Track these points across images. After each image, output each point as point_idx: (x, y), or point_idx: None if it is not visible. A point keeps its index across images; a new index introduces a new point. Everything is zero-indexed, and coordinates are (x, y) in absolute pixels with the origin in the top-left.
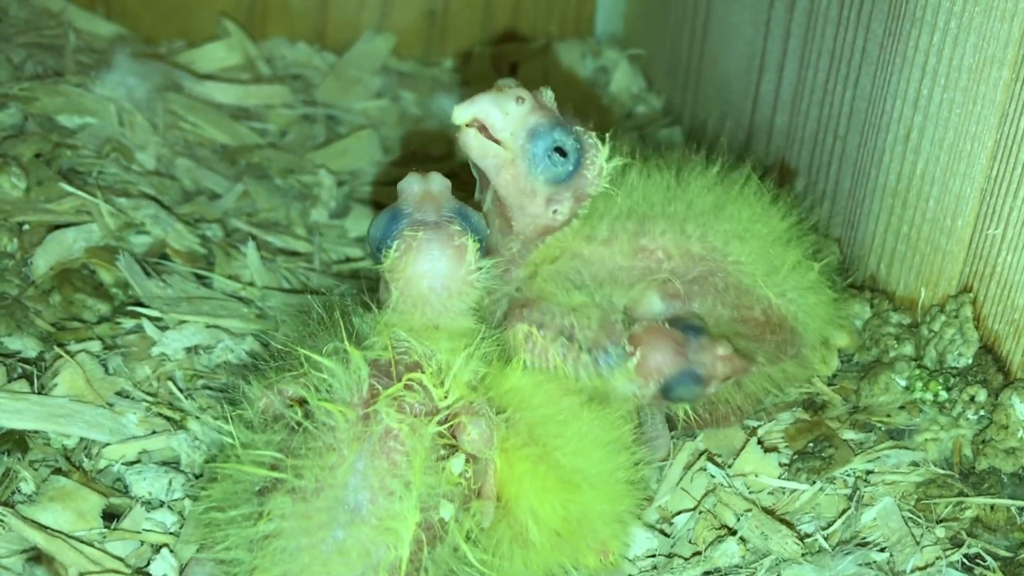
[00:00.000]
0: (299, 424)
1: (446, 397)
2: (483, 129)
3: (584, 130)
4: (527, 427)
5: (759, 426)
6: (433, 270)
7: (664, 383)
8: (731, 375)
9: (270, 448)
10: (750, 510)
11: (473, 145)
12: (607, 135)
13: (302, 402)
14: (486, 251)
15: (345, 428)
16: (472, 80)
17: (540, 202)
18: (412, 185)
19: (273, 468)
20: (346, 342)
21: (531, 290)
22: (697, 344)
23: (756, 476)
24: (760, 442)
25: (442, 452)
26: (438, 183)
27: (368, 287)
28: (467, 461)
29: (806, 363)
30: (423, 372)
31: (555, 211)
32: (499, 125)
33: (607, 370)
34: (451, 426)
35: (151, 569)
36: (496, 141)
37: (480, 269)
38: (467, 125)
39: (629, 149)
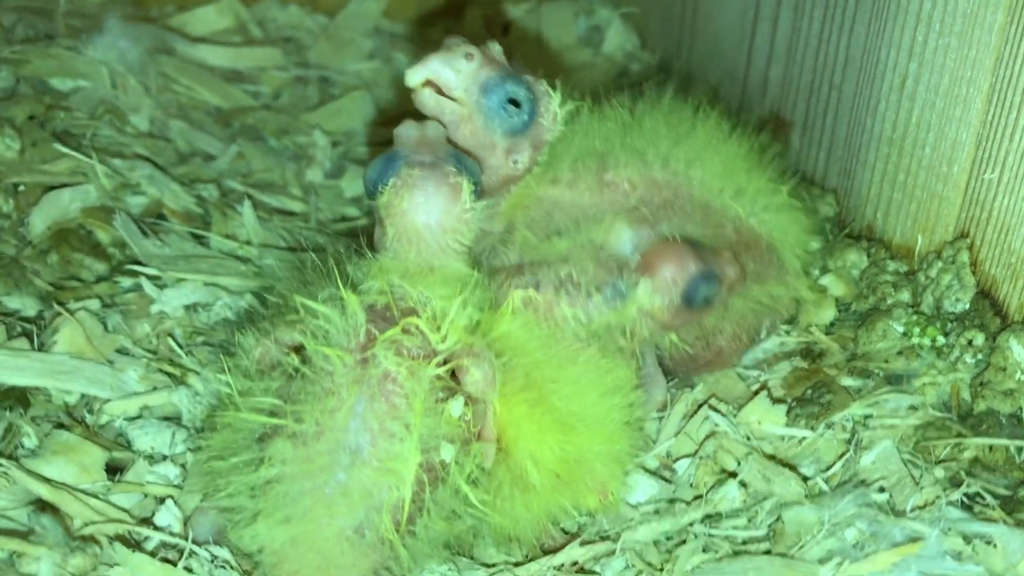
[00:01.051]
0: (297, 371)
1: (444, 341)
2: (438, 89)
3: (535, 79)
4: (523, 371)
5: (760, 375)
6: (428, 205)
7: (685, 289)
8: (735, 280)
9: (268, 395)
10: (751, 454)
11: (429, 104)
12: (556, 81)
13: (299, 350)
14: (480, 194)
15: (343, 372)
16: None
17: (500, 154)
18: (409, 131)
19: (272, 415)
20: (342, 288)
21: (513, 244)
22: (705, 249)
23: (759, 423)
24: (768, 394)
25: (441, 395)
26: (434, 129)
27: (365, 243)
28: (466, 403)
29: (789, 283)
30: (419, 317)
31: (515, 161)
32: (452, 83)
33: (620, 303)
34: (450, 369)
35: (156, 520)
36: (451, 99)
37: (473, 209)
38: (422, 86)
39: (580, 93)
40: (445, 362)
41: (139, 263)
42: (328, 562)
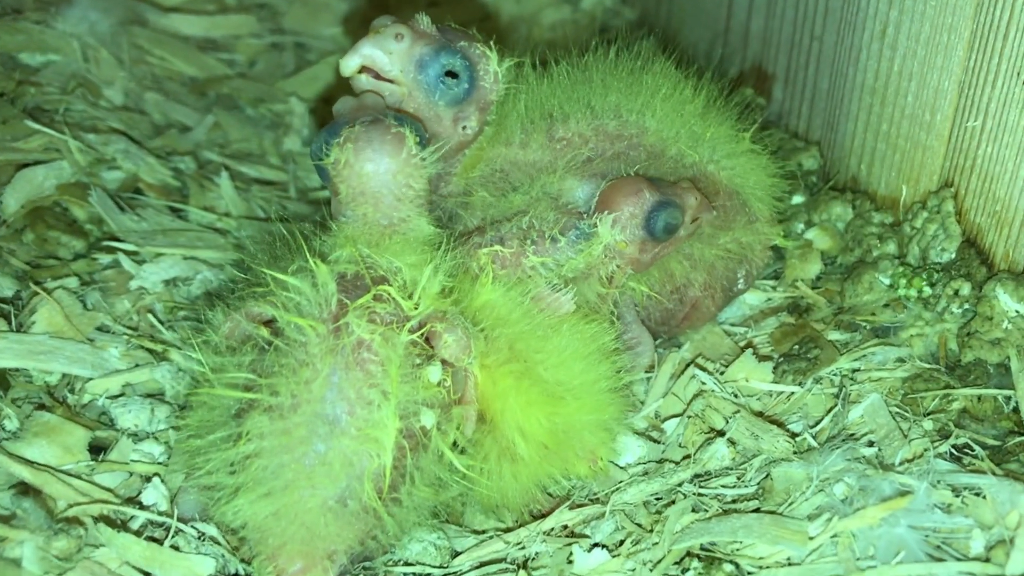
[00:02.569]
0: (269, 344)
1: (416, 307)
2: (376, 73)
3: (469, 43)
4: (507, 343)
5: (746, 332)
6: (373, 152)
7: (645, 219)
8: (698, 206)
9: (241, 370)
10: (738, 411)
11: (368, 90)
12: (491, 40)
13: (269, 323)
14: (426, 142)
15: (316, 343)
16: (441, 0)
17: (448, 124)
18: (346, 103)
19: (247, 389)
20: (311, 260)
21: (473, 206)
22: (661, 182)
23: (747, 381)
24: (754, 351)
25: (418, 361)
26: (372, 99)
27: (326, 214)
28: (445, 369)
29: (758, 230)
30: (390, 285)
31: (464, 127)
32: (386, 65)
33: (585, 244)
34: (425, 334)
35: (143, 498)
36: (389, 80)
37: (422, 157)
38: (358, 73)
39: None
40: (419, 328)
41: (117, 239)
42: (312, 533)
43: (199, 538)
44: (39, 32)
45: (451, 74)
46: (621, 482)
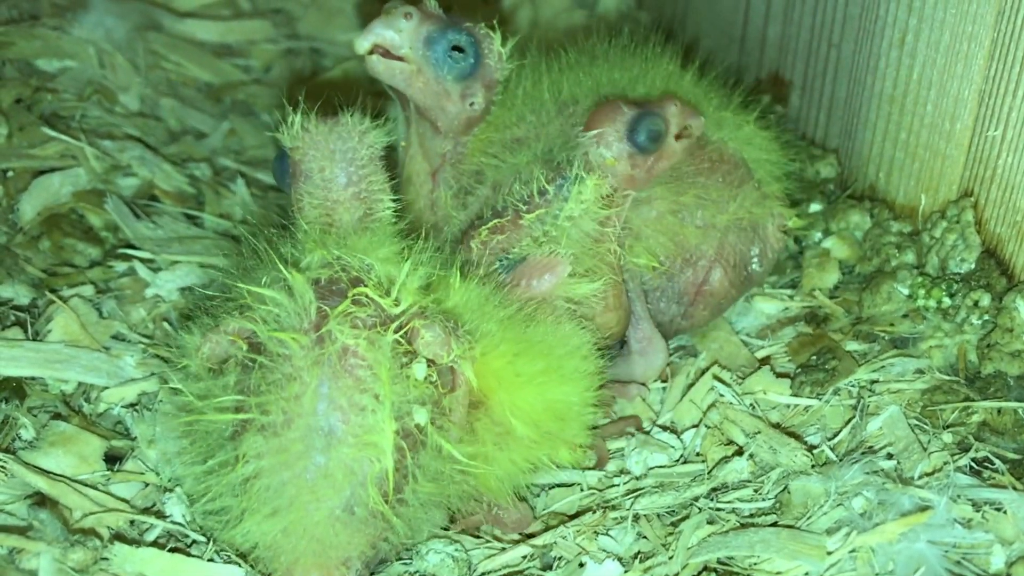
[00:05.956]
0: (253, 361)
1: (397, 304)
2: (386, 52)
3: (473, 24)
4: (496, 328)
5: (763, 343)
6: (335, 126)
7: (628, 132)
8: (684, 120)
9: (228, 392)
10: (759, 432)
11: (380, 69)
12: (494, 23)
13: (248, 340)
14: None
15: (301, 355)
16: (456, 6)
17: (456, 99)
18: None
19: (238, 410)
20: (285, 270)
21: (484, 172)
22: (641, 101)
23: (764, 393)
24: (772, 366)
25: (405, 359)
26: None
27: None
28: (430, 364)
29: (768, 206)
30: (366, 285)
31: (471, 103)
32: (397, 43)
33: (573, 187)
34: (407, 332)
35: (164, 510)
36: (399, 59)
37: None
38: (369, 54)
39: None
40: (402, 327)
41: (132, 246)
42: (323, 544)
43: (217, 552)
44: (56, 38)
45: (457, 49)
46: (638, 491)
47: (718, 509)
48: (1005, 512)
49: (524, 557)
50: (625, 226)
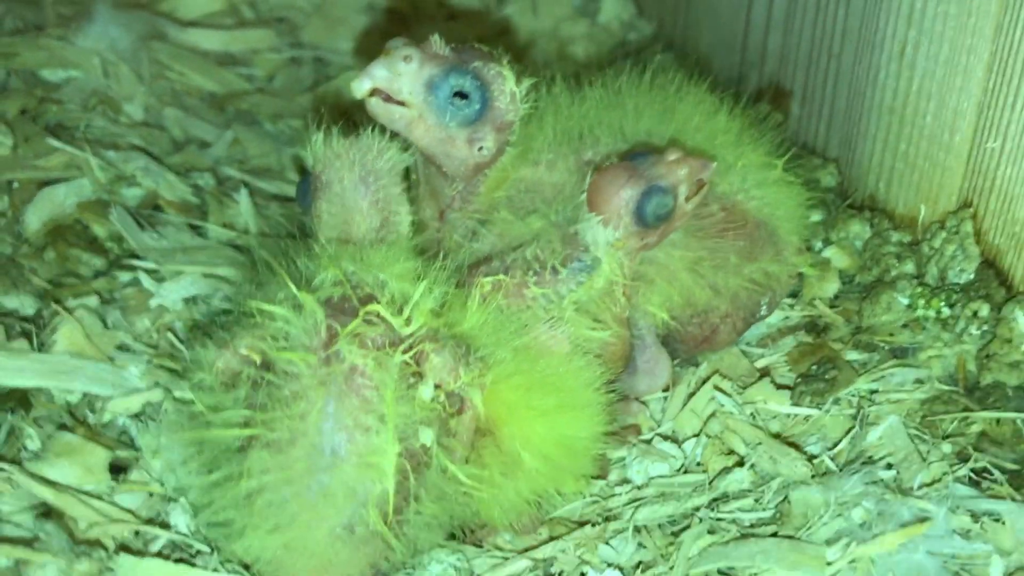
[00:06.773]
0: (262, 378)
1: (408, 324)
2: (388, 96)
3: (484, 63)
4: (510, 357)
5: (764, 353)
6: (356, 140)
7: (634, 210)
8: (695, 178)
9: (238, 407)
10: (760, 444)
11: (379, 112)
12: (507, 59)
13: (260, 355)
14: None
15: (308, 374)
16: (459, 15)
17: (462, 144)
18: None
19: (245, 425)
20: (294, 288)
21: (493, 225)
22: (647, 162)
23: (764, 403)
24: (772, 377)
25: (412, 380)
26: None
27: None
28: (437, 386)
29: (785, 260)
30: (378, 303)
31: (480, 148)
32: (396, 87)
33: (586, 276)
34: (415, 354)
35: (170, 520)
36: (399, 102)
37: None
38: (368, 95)
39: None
40: (411, 347)
41: (137, 257)
42: (324, 562)
43: (222, 563)
44: (60, 48)
45: (461, 95)
46: (637, 502)
47: (719, 519)
48: (1004, 523)
49: (526, 568)
50: (637, 276)
